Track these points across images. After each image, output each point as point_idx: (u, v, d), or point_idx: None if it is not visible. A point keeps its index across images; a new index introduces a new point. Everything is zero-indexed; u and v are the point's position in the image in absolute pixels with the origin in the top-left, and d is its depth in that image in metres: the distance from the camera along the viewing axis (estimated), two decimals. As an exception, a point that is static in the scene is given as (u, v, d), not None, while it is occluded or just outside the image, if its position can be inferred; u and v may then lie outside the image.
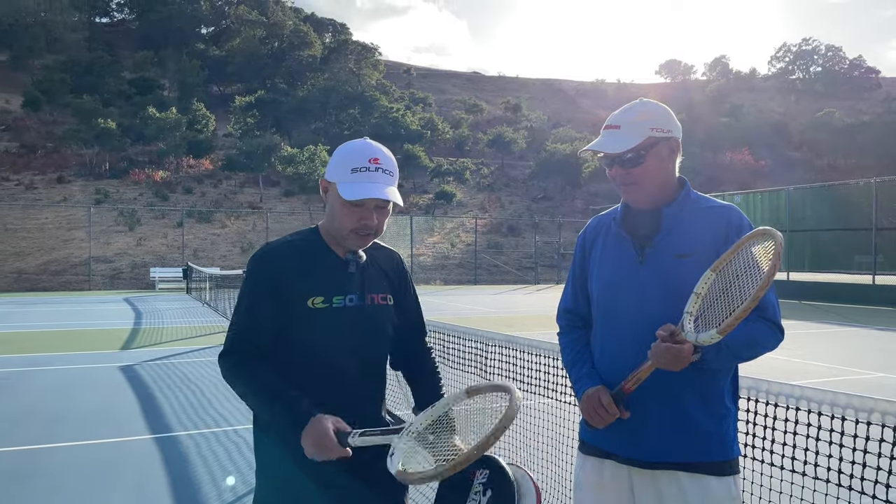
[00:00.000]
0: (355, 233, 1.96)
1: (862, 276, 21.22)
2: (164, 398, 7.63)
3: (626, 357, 1.95)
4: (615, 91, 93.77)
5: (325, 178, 2.00)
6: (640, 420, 1.93)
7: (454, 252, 39.35)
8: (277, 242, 2.04)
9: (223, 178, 46.26)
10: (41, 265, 31.54)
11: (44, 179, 42.21)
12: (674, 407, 1.93)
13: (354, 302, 2.00)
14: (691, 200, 2.03)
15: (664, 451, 1.93)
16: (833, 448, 2.43)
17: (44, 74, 56.57)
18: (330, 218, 2.01)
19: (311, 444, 1.76)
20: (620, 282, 2.00)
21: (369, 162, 1.92)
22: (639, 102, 2.04)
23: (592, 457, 2.08)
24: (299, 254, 1.99)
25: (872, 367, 9.58)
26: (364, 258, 2.08)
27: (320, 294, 1.95)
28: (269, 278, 1.94)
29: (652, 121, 1.97)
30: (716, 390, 1.97)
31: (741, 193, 27.27)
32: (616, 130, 1.98)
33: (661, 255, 1.97)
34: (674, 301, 1.88)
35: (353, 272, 2.04)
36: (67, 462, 5.37)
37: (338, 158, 1.97)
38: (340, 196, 1.92)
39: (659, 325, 1.83)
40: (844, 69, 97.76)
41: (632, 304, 1.96)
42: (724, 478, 1.95)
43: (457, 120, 67.37)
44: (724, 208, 2.01)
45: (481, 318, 16.30)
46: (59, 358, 10.53)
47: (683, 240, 1.97)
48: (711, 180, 50.65)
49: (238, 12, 76.79)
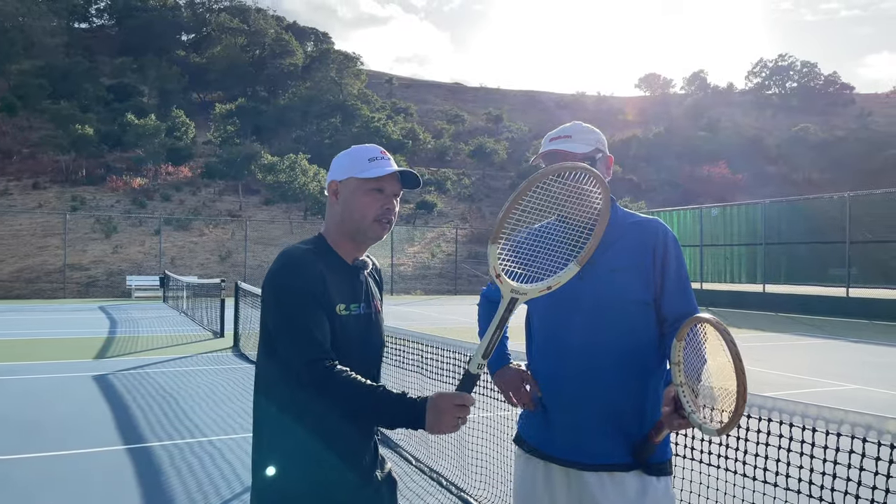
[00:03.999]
0: (378, 221, 1.98)
1: (836, 289, 21.51)
2: (138, 408, 7.52)
3: (565, 369, 2.05)
4: (595, 104, 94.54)
5: (334, 180, 2.02)
6: (579, 423, 2.02)
7: (434, 262, 39.33)
8: (299, 250, 1.97)
9: (202, 186, 45.87)
10: (14, 272, 31.01)
11: (19, 185, 41.59)
12: (612, 411, 2.01)
13: (364, 310, 2.02)
14: (620, 216, 2.11)
15: (604, 453, 2.01)
16: (804, 459, 2.46)
17: (21, 79, 55.79)
18: (346, 213, 1.99)
19: (444, 413, 1.72)
20: (561, 297, 1.99)
21: (381, 154, 2.02)
22: (578, 122, 2.19)
23: (533, 458, 2.14)
24: (321, 261, 1.96)
25: (847, 379, 9.71)
26: (370, 265, 2.11)
27: (342, 301, 1.95)
28: (311, 285, 1.89)
29: (596, 137, 2.15)
30: (651, 395, 2.06)
31: (718, 206, 27.57)
32: (568, 139, 2.10)
33: (597, 269, 2.03)
34: (605, 313, 2.01)
35: (363, 280, 2.05)
36: (38, 473, 5.26)
37: (349, 158, 2.03)
38: (363, 182, 1.96)
39: (595, 337, 2.00)
40: (820, 85, 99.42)
41: (566, 318, 2.05)
42: (663, 477, 2.04)
43: (438, 130, 67.52)
44: (651, 222, 2.12)
45: (461, 329, 16.29)
46: (32, 367, 10.34)
47: (617, 254, 2.05)
48: (689, 193, 51.17)
49: (219, 20, 76.41)
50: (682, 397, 1.83)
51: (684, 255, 2.26)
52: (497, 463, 4.59)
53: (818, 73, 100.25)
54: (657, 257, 2.04)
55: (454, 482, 4.87)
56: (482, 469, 4.63)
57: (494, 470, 4.58)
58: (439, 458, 5.22)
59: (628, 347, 2.01)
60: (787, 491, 2.53)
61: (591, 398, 2.00)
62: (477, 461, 4.70)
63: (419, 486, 4.89)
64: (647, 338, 2.04)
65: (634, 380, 2.02)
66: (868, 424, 2.06)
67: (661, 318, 2.05)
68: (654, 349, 2.06)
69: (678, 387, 1.84)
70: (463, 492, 4.70)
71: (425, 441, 5.49)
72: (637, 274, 2.02)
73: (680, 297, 2.05)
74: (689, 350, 1.87)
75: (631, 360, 2.02)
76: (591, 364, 2.01)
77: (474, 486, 4.63)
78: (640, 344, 2.03)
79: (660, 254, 2.04)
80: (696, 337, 1.85)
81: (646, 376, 2.05)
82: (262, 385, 1.99)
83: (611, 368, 2.00)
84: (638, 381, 2.03)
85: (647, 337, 2.04)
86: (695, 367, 1.86)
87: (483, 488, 4.56)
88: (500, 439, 4.64)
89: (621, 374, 2.00)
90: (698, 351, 1.86)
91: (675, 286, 2.05)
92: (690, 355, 1.87)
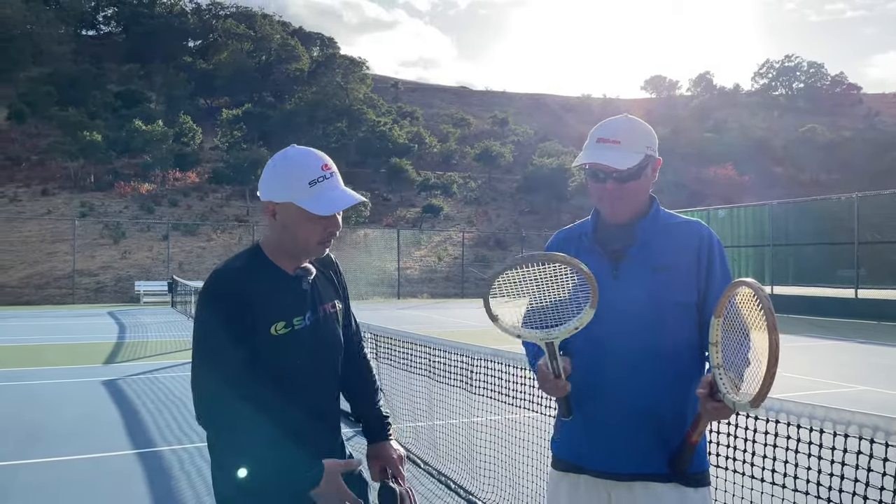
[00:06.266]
0: (322, 243, 1.91)
1: (845, 290, 21.40)
2: (147, 413, 7.56)
3: (596, 367, 1.99)
4: (601, 106, 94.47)
5: (271, 201, 1.86)
6: (614, 432, 1.95)
7: (441, 265, 39.35)
8: (227, 269, 1.88)
9: (209, 191, 46.09)
10: (24, 278, 31.21)
11: (28, 192, 41.85)
12: (649, 419, 1.94)
13: (311, 319, 1.95)
14: (661, 216, 2.08)
15: (640, 463, 1.94)
16: (812, 460, 2.46)
17: (29, 87, 56.19)
18: (287, 237, 1.89)
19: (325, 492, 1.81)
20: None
21: (322, 170, 1.85)
22: (630, 119, 2.04)
23: (567, 473, 2.07)
24: (253, 279, 1.87)
25: (855, 381, 9.67)
26: (313, 272, 2.01)
27: (281, 319, 1.87)
28: (233, 308, 1.81)
29: (647, 140, 2.01)
30: (692, 402, 1.97)
31: (725, 208, 27.49)
32: (617, 146, 1.96)
33: (635, 268, 2.00)
34: (644, 313, 1.95)
35: (307, 288, 1.97)
36: (47, 477, 5.31)
37: (284, 175, 1.85)
38: (306, 212, 1.83)
39: (630, 338, 1.94)
40: (826, 86, 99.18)
41: (603, 316, 1.95)
42: (700, 489, 1.97)
43: (444, 134, 67.61)
44: (694, 224, 2.07)
45: (468, 332, 16.29)
46: (41, 372, 10.41)
47: (659, 254, 2.01)
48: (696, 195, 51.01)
49: (225, 26, 76.81)
50: (719, 380, 1.73)
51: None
52: (505, 466, 4.59)
53: (825, 73, 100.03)
54: (702, 260, 1.98)
55: (463, 485, 4.88)
56: (491, 472, 4.64)
57: (503, 473, 4.59)
58: (448, 462, 5.24)
59: (667, 349, 1.94)
60: (794, 492, 2.53)
61: (627, 402, 1.94)
62: (486, 464, 4.71)
63: (428, 490, 4.90)
64: (687, 341, 1.96)
65: (674, 384, 1.94)
66: (875, 425, 2.06)
67: (703, 322, 1.96)
68: (695, 353, 1.98)
69: (715, 369, 1.75)
70: (472, 495, 4.71)
71: (434, 444, 5.51)
72: (680, 275, 1.96)
73: None
74: (727, 329, 1.76)
75: (670, 362, 1.93)
76: (628, 366, 1.94)
77: (483, 490, 4.64)
78: (680, 346, 1.95)
79: (705, 256, 1.98)
80: (734, 310, 1.74)
81: (686, 381, 1.94)
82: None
83: (648, 371, 1.93)
84: (678, 386, 1.94)
85: (687, 340, 1.96)
86: (735, 347, 1.75)
87: (492, 491, 4.57)
88: (508, 442, 4.65)
89: (660, 377, 1.92)
90: (740, 327, 1.74)
91: (720, 291, 1.93)
92: (729, 334, 1.76)
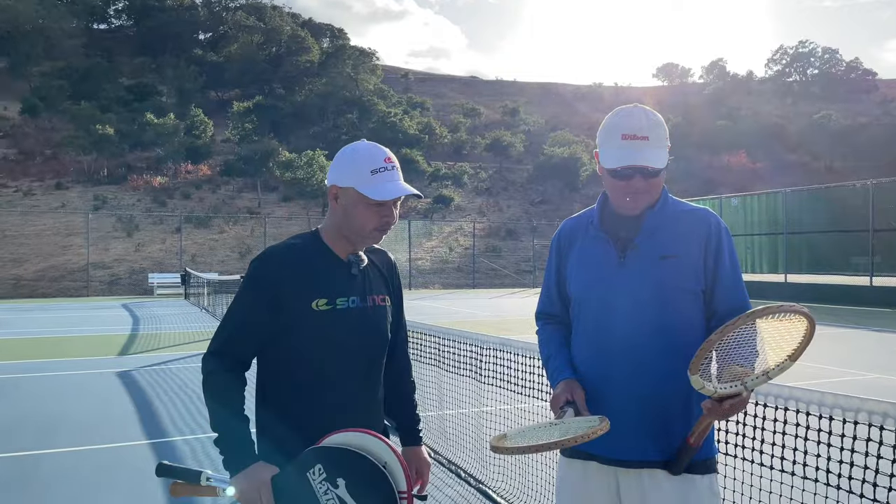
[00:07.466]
0: (378, 230, 2.02)
1: (859, 278, 21.24)
2: (161, 404, 7.63)
3: (605, 354, 2.00)
4: (612, 95, 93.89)
5: (335, 185, 2.01)
6: (623, 421, 1.94)
7: (452, 256, 39.37)
8: (279, 246, 2.04)
9: (221, 184, 46.25)
10: (39, 271, 31.51)
11: (42, 186, 42.19)
12: (657, 407, 1.95)
13: (357, 304, 2.03)
14: (670, 204, 2.08)
15: (648, 451, 1.95)
16: (821, 448, 2.45)
17: (42, 81, 56.59)
18: (346, 220, 2.01)
19: (246, 487, 1.83)
20: (600, 282, 2.03)
21: (385, 162, 1.99)
22: (648, 111, 2.01)
23: (576, 459, 2.08)
24: (302, 257, 2.01)
25: (869, 368, 9.61)
26: (365, 261, 2.11)
27: (324, 296, 1.97)
28: (271, 283, 1.95)
29: (665, 132, 2.01)
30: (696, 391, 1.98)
31: (738, 196, 27.30)
32: (646, 142, 1.95)
33: (644, 255, 2.00)
34: (651, 299, 1.96)
35: (356, 274, 2.07)
36: (63, 468, 5.37)
37: (350, 162, 2.00)
38: (365, 198, 1.96)
39: (639, 325, 1.94)
40: (841, 71, 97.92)
41: (612, 303, 1.98)
42: (707, 475, 1.98)
43: (455, 124, 67.42)
44: (702, 212, 2.07)
45: (478, 322, 16.31)
46: (56, 364, 10.52)
47: (667, 242, 2.01)
48: (709, 183, 50.69)
49: (235, 18, 76.80)
50: (716, 380, 1.77)
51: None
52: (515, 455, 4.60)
53: (840, 59, 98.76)
54: (710, 248, 1.99)
55: (473, 474, 4.90)
56: (500, 461, 4.65)
57: (512, 461, 4.60)
58: (458, 450, 5.26)
59: (675, 335, 1.95)
60: (804, 479, 2.53)
61: (634, 388, 1.95)
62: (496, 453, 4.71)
63: (438, 479, 4.92)
64: (693, 326, 1.98)
65: (681, 369, 1.90)
66: (885, 412, 2.06)
67: (710, 311, 1.99)
68: (702, 338, 1.95)
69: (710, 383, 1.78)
70: (482, 483, 4.73)
71: (444, 433, 5.53)
72: (687, 263, 1.97)
73: (733, 291, 2.00)
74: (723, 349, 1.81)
75: (677, 348, 1.93)
76: (636, 352, 1.95)
77: (492, 478, 4.66)
78: (687, 331, 1.96)
79: (713, 245, 1.98)
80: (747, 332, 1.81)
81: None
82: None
83: (656, 358, 1.94)
84: (685, 371, 1.90)
85: (693, 325, 1.99)
86: (736, 347, 1.80)
87: (502, 480, 4.58)
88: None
89: (667, 363, 1.93)
90: (739, 339, 1.80)
91: (729, 280, 1.99)
92: (729, 351, 1.81)
